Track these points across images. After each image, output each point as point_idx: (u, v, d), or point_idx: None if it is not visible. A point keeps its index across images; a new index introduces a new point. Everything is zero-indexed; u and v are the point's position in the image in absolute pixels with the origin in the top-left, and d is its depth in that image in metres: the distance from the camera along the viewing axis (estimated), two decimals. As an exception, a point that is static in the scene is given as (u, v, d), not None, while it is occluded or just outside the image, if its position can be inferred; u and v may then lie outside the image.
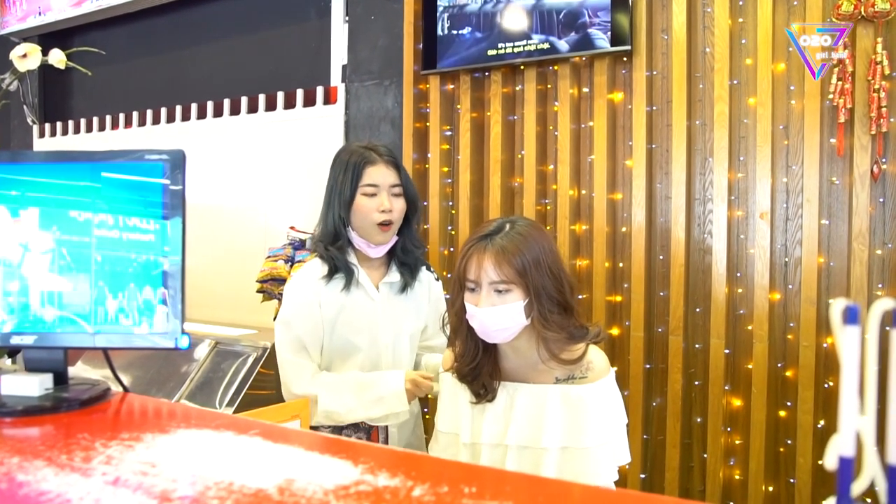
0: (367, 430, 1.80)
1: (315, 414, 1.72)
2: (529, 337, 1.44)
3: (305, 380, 1.74)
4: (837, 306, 0.51)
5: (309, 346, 1.77)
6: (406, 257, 1.85)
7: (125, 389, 1.09)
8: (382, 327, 1.81)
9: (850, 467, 0.52)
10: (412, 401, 1.77)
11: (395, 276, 1.85)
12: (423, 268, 1.92)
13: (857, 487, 0.52)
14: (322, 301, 1.77)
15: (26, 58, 1.65)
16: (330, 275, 1.77)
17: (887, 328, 0.52)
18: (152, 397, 1.07)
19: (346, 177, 1.76)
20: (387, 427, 1.81)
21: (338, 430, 1.78)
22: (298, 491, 0.67)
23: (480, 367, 1.47)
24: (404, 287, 1.85)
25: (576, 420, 1.41)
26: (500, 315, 1.38)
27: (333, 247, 1.77)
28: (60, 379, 1.05)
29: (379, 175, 1.75)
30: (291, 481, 0.70)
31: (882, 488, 0.51)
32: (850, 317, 0.51)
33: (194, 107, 4.11)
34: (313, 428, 1.78)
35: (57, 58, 1.73)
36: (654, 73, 2.71)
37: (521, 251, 1.37)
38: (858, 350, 0.51)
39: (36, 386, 1.00)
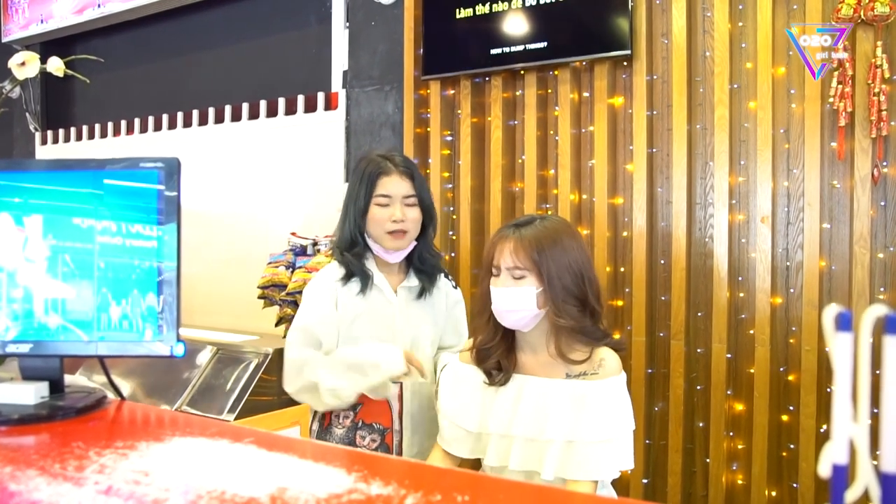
0: (381, 432, 1.80)
1: (320, 399, 1.71)
2: (544, 331, 1.50)
3: (305, 371, 1.73)
4: (830, 313, 0.51)
5: (324, 348, 1.77)
6: (423, 265, 1.87)
7: (122, 397, 1.09)
8: (400, 331, 1.82)
9: (843, 475, 0.51)
10: (408, 369, 1.71)
11: (413, 280, 1.86)
12: (442, 275, 1.93)
13: (851, 495, 0.51)
14: (340, 302, 1.78)
15: (25, 66, 1.65)
16: (347, 278, 1.79)
17: (885, 333, 0.52)
18: (149, 405, 1.07)
19: (361, 186, 1.79)
20: (401, 431, 1.80)
21: (352, 430, 1.79)
22: (291, 499, 0.67)
23: (496, 349, 1.54)
24: (422, 293, 1.86)
25: (581, 415, 1.44)
26: (511, 297, 1.46)
27: (350, 253, 1.80)
28: (56, 387, 1.05)
29: (392, 186, 1.78)
30: (284, 490, 0.69)
31: (875, 496, 0.51)
32: (843, 323, 0.51)
33: (196, 113, 4.12)
34: (321, 423, 1.79)
35: (55, 66, 1.73)
36: (655, 77, 2.71)
37: (540, 242, 1.45)
38: (852, 356, 0.50)
39: (31, 394, 1.00)
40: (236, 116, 3.95)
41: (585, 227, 2.83)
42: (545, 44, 2.81)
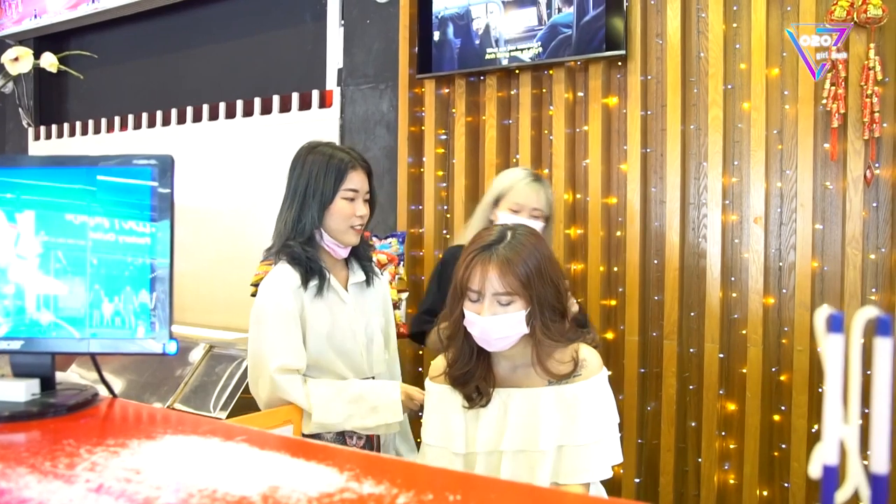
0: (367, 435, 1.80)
1: (307, 425, 1.69)
2: (524, 343, 1.44)
3: (299, 395, 1.70)
4: (821, 314, 0.51)
5: (297, 362, 1.73)
6: (365, 254, 1.89)
7: (113, 395, 1.09)
8: (358, 331, 1.81)
9: (834, 476, 0.51)
10: (405, 412, 1.77)
11: (359, 275, 1.86)
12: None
13: (841, 496, 0.51)
14: (305, 312, 1.73)
15: (18, 61, 1.64)
16: (305, 282, 1.73)
17: (877, 335, 0.52)
18: (141, 402, 1.07)
19: (328, 178, 1.75)
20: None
21: (340, 435, 1.77)
22: (282, 498, 0.67)
23: (473, 372, 1.47)
24: (367, 283, 1.88)
25: (570, 418, 1.41)
26: (503, 324, 1.38)
27: (305, 251, 1.74)
28: (48, 384, 1.05)
29: (359, 181, 1.78)
30: (276, 488, 0.69)
31: (865, 496, 0.51)
32: (834, 325, 0.51)
33: (189, 110, 4.10)
34: (310, 435, 1.76)
35: (49, 61, 1.72)
36: (649, 77, 2.72)
37: (524, 261, 1.38)
38: (843, 358, 0.50)
39: (22, 391, 0.99)
40: (230, 113, 3.94)
41: (579, 227, 2.84)
42: (540, 43, 2.81)
